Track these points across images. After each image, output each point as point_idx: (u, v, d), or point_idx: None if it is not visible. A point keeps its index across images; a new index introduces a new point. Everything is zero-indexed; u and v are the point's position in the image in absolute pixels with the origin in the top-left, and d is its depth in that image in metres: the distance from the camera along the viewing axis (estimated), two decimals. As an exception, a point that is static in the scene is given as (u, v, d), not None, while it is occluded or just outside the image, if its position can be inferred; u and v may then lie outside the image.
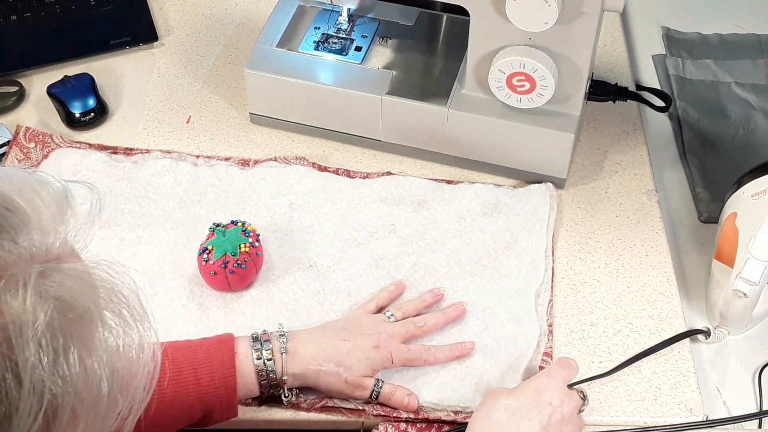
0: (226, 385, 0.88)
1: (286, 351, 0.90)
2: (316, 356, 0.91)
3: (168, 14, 1.36)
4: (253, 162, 1.16)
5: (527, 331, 0.99)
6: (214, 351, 0.89)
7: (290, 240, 1.08)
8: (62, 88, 1.22)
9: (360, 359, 0.92)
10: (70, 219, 0.59)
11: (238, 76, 1.27)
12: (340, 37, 1.19)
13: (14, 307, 0.52)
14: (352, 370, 0.91)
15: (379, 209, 1.10)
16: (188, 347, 0.90)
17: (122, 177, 1.14)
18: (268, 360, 0.89)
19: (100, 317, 0.57)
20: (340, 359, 0.91)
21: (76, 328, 0.54)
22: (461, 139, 1.14)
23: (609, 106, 1.22)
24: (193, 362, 0.88)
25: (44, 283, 0.54)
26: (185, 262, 1.05)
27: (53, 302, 0.54)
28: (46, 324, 0.53)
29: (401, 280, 1.04)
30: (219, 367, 0.88)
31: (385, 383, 0.93)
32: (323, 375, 0.91)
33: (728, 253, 0.99)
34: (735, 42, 1.33)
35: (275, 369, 0.90)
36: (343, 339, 0.93)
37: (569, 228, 1.11)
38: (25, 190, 0.57)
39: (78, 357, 0.54)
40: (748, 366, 1.00)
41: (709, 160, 1.19)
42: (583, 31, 1.02)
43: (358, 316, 0.98)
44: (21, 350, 0.52)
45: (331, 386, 0.92)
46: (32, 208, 0.57)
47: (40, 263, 0.55)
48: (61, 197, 0.59)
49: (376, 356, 0.92)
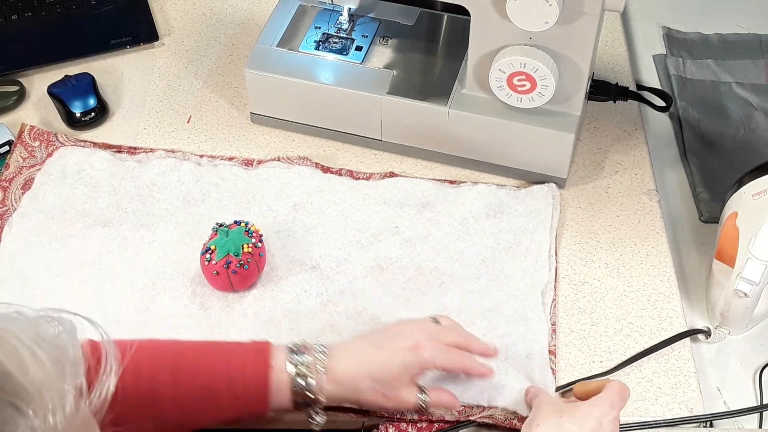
0: (258, 398, 0.85)
1: (325, 370, 0.86)
2: (352, 373, 0.87)
3: (168, 14, 1.36)
4: (256, 162, 1.16)
5: (535, 330, 0.99)
6: (249, 361, 0.86)
7: (293, 241, 1.08)
8: (63, 88, 1.22)
9: (395, 368, 0.87)
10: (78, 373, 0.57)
11: (238, 76, 1.27)
12: (340, 36, 1.19)
13: None
14: (390, 384, 0.87)
15: (382, 211, 1.11)
16: (222, 353, 0.87)
17: (126, 176, 1.14)
18: (305, 377, 0.85)
19: None
20: (376, 373, 0.87)
21: None
22: (462, 139, 1.14)
23: (609, 105, 1.22)
24: (227, 371, 0.85)
25: None
26: (188, 261, 1.05)
27: None
28: None
29: (405, 282, 1.04)
30: (253, 381, 0.85)
31: (430, 390, 0.90)
32: (361, 393, 0.87)
33: (729, 252, 0.99)
34: (735, 42, 1.34)
35: (312, 389, 0.86)
36: (378, 347, 0.88)
37: (570, 228, 1.11)
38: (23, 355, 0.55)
39: None
40: (748, 366, 1.01)
41: (710, 160, 1.19)
42: (583, 30, 1.03)
43: (402, 319, 0.93)
44: None
45: (373, 403, 0.89)
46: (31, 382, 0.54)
47: None
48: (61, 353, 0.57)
49: (413, 359, 0.88)
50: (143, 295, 1.02)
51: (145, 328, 0.99)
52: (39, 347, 0.56)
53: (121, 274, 1.04)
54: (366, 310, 1.02)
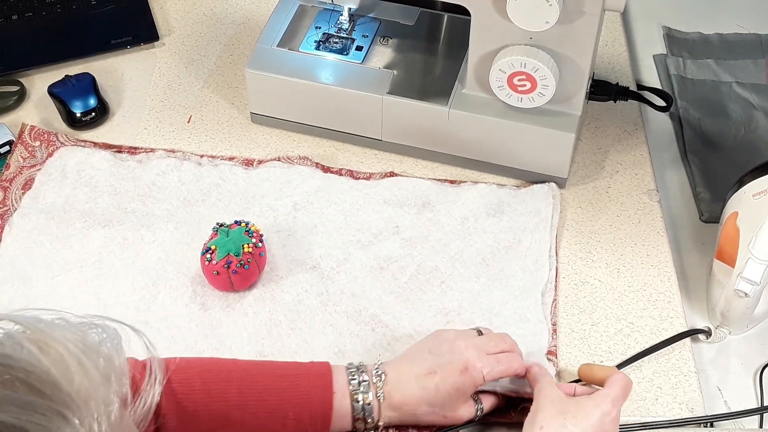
0: (323, 423, 0.86)
1: (383, 396, 0.88)
2: (408, 401, 0.88)
3: (169, 14, 1.36)
4: (257, 162, 1.17)
5: (535, 331, 0.99)
6: (312, 387, 0.86)
7: (294, 241, 1.08)
8: (63, 88, 1.22)
9: (450, 393, 0.88)
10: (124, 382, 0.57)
11: (239, 76, 1.27)
12: (341, 36, 1.19)
13: None
14: (446, 407, 0.88)
15: (383, 211, 1.11)
16: (283, 377, 0.87)
17: (126, 176, 1.14)
18: (367, 405, 0.87)
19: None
20: (431, 399, 0.88)
21: None
22: (462, 139, 1.14)
23: (610, 105, 1.22)
24: (293, 395, 0.86)
25: None
26: (188, 261, 1.05)
27: None
28: None
29: (406, 282, 1.04)
30: (319, 407, 0.86)
31: (482, 397, 0.91)
32: (420, 418, 0.89)
33: (729, 252, 0.99)
34: (736, 42, 1.34)
35: (372, 414, 0.87)
36: (429, 372, 0.88)
37: (570, 228, 1.11)
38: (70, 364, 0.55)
39: None
40: (749, 366, 1.01)
41: (710, 160, 1.19)
42: (584, 30, 1.03)
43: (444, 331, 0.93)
44: None
45: (432, 423, 0.90)
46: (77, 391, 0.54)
47: None
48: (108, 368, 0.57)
49: (466, 381, 0.88)
50: (144, 295, 1.03)
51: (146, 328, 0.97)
52: (85, 356, 0.56)
53: (121, 274, 1.04)
54: (366, 310, 1.02)
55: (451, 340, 0.90)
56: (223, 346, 0.99)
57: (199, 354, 0.98)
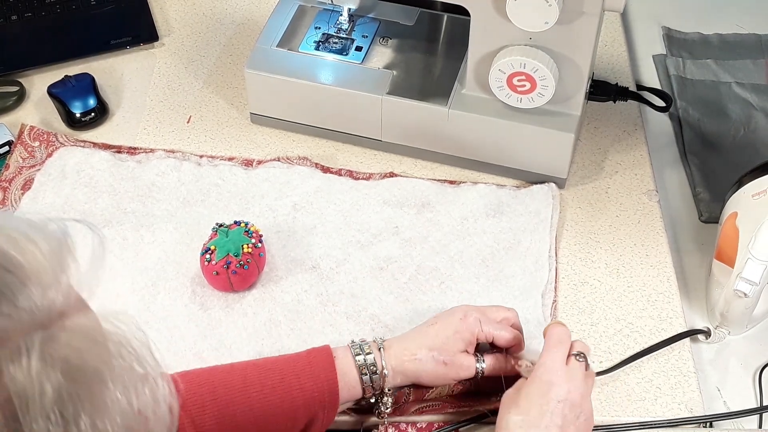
0: (330, 389, 0.87)
1: (383, 347, 0.91)
2: (409, 347, 0.91)
3: (168, 14, 1.36)
4: (256, 162, 1.17)
5: (535, 334, 0.99)
6: (313, 358, 0.89)
7: (293, 241, 1.08)
8: (63, 88, 1.22)
9: (449, 336, 0.91)
10: (71, 264, 0.55)
11: (238, 76, 1.27)
12: (340, 36, 1.19)
13: (19, 379, 0.49)
14: (445, 349, 0.91)
15: (382, 211, 1.11)
16: (285, 359, 0.90)
17: (126, 176, 1.14)
18: (368, 354, 0.89)
19: (111, 376, 0.53)
20: (430, 343, 0.91)
21: (85, 392, 0.52)
22: (462, 139, 1.14)
23: (609, 106, 1.22)
24: (294, 369, 0.88)
25: (49, 347, 0.51)
26: (188, 262, 1.05)
27: (60, 367, 0.51)
28: (54, 394, 0.50)
29: (405, 282, 1.04)
30: (322, 371, 0.88)
31: (486, 355, 0.93)
32: (420, 364, 0.90)
33: (729, 253, 0.99)
34: (735, 42, 1.34)
35: (375, 363, 0.89)
36: (430, 324, 0.93)
37: (569, 228, 1.11)
38: (19, 240, 0.53)
39: (90, 423, 0.51)
40: (748, 366, 1.01)
41: (710, 160, 1.19)
42: (583, 31, 1.03)
43: None
44: (28, 425, 0.49)
45: (432, 373, 0.91)
46: (29, 261, 0.53)
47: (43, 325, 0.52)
48: (59, 242, 0.55)
49: (464, 326, 0.92)
50: (143, 295, 1.03)
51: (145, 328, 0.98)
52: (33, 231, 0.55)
53: (121, 274, 1.04)
54: (366, 310, 1.02)
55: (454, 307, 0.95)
56: (223, 346, 0.99)
57: (199, 354, 0.98)
